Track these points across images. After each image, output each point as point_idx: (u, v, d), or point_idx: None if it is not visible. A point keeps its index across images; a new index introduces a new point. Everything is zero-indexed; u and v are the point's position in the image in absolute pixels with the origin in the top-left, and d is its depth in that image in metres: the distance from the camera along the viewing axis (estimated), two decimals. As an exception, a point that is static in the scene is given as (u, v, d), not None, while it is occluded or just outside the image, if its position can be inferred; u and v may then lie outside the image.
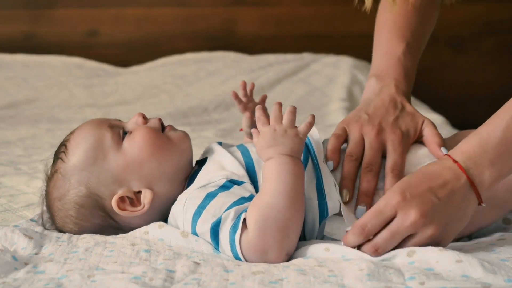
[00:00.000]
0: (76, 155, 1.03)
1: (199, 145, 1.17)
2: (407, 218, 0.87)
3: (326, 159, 1.04)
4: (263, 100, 1.22)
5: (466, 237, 1.05)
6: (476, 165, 0.90)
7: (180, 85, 2.54)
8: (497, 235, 1.01)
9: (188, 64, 2.62)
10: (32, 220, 1.08)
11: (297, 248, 0.96)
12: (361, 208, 0.99)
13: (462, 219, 0.91)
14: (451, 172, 0.90)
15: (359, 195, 1.00)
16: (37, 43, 2.68)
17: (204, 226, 0.95)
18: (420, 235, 0.88)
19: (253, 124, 1.20)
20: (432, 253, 0.87)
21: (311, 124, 0.97)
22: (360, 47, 2.62)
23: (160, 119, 1.09)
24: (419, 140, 1.08)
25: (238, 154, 1.06)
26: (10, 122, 2.20)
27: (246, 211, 0.93)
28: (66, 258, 0.92)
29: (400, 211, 0.87)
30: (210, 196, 0.97)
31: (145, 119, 1.08)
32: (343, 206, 0.98)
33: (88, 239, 0.99)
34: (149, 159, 1.03)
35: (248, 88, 1.22)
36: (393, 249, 0.89)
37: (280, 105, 1.01)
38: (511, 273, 0.81)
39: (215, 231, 0.94)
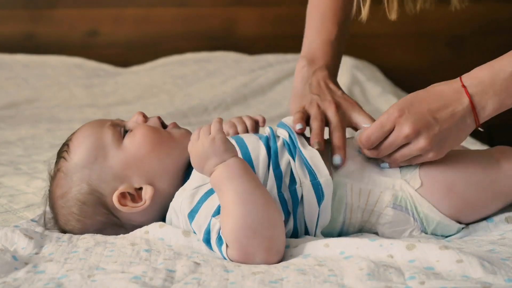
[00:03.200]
0: (77, 154, 1.04)
1: (199, 145, 1.17)
2: (402, 131, 0.99)
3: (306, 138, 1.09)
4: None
5: (466, 224, 1.05)
6: (482, 93, 0.99)
7: (180, 85, 2.54)
8: (498, 234, 1.01)
9: (188, 64, 2.61)
10: (32, 220, 1.08)
11: (296, 245, 0.96)
12: (336, 157, 1.05)
13: (457, 138, 1.02)
14: (456, 95, 1.00)
15: (333, 148, 1.06)
16: (37, 43, 2.68)
17: (199, 231, 0.96)
18: (412, 145, 1.00)
19: None
20: (432, 251, 0.87)
21: (218, 122, 0.97)
22: (360, 47, 2.62)
23: (159, 118, 1.10)
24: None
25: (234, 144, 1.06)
26: (10, 122, 2.20)
27: None
28: (66, 258, 0.92)
29: (397, 125, 1.00)
30: (202, 200, 0.98)
31: (145, 117, 1.09)
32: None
33: (88, 239, 0.99)
34: (149, 155, 1.04)
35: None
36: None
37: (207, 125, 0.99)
38: (511, 273, 0.81)
39: (207, 239, 0.95)
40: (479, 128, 1.02)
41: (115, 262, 0.90)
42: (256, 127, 1.18)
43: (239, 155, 1.02)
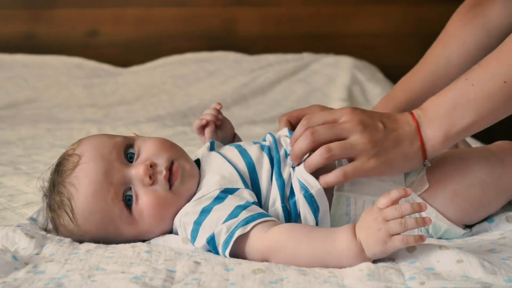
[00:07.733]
0: (87, 225, 1.00)
1: (199, 145, 1.16)
2: (345, 117, 0.99)
3: None
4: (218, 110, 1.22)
5: (468, 227, 1.05)
6: (427, 119, 0.99)
7: (180, 85, 2.54)
8: (498, 233, 1.01)
9: (188, 64, 2.62)
10: (32, 218, 1.08)
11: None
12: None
13: (401, 160, 0.98)
14: (404, 117, 1.00)
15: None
16: (37, 43, 2.68)
17: (201, 242, 0.96)
18: (352, 137, 0.97)
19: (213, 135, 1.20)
20: (433, 251, 0.87)
21: (422, 239, 0.84)
22: (360, 47, 2.62)
23: (167, 172, 1.00)
24: None
25: (236, 154, 1.06)
26: (10, 122, 2.20)
27: (239, 227, 0.92)
28: (67, 259, 0.92)
29: (345, 114, 0.99)
30: (206, 211, 0.97)
31: (151, 178, 0.99)
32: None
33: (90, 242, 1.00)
34: (160, 223, 1.01)
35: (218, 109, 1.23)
36: None
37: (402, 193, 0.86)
38: (511, 273, 0.81)
39: (213, 246, 0.94)
40: (426, 162, 0.99)
41: (116, 263, 0.90)
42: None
43: (243, 164, 1.03)
